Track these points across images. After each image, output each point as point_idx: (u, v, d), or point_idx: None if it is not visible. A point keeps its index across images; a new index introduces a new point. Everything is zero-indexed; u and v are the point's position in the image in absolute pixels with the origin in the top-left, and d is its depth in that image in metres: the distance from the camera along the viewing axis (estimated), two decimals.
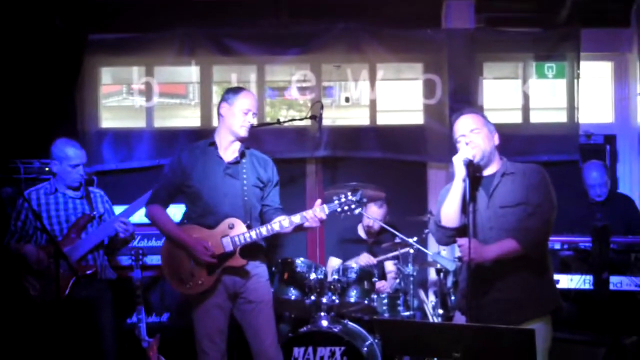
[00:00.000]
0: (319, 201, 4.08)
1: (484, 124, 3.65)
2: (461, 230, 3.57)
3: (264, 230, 4.09)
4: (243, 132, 4.23)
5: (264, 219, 4.27)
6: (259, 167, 4.33)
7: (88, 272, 4.55)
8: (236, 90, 4.35)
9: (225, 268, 4.15)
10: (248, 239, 4.09)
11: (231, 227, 4.13)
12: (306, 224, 4.07)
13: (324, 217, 4.03)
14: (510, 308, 3.51)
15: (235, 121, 4.22)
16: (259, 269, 4.30)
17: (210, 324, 4.20)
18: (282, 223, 4.06)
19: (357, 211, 4.05)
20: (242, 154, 4.28)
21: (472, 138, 3.58)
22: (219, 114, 4.32)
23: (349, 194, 4.02)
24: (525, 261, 3.51)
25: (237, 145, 4.28)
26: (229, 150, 4.28)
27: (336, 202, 4.02)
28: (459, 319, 3.74)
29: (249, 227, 4.12)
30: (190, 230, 4.20)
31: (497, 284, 3.53)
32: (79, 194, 4.67)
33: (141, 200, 4.61)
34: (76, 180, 4.59)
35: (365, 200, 4.11)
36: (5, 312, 4.76)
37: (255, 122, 4.30)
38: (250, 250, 4.17)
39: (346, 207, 4.01)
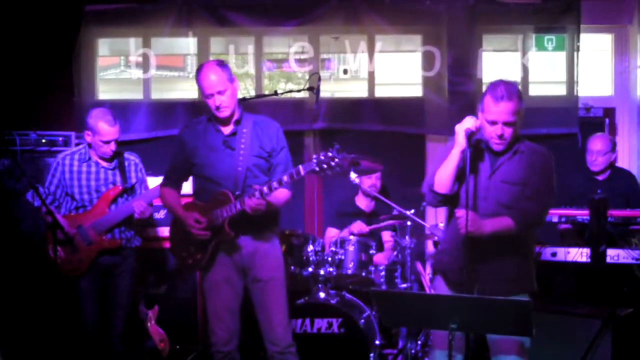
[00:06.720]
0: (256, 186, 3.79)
1: (520, 113, 3.54)
2: (452, 197, 3.58)
3: (245, 200, 3.80)
4: (221, 114, 3.98)
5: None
6: (262, 135, 4.05)
7: (111, 247, 4.61)
8: (198, 69, 4.04)
9: (219, 242, 4.01)
10: (232, 211, 3.87)
11: (221, 199, 3.94)
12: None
13: (252, 204, 3.76)
14: (496, 281, 3.53)
15: (209, 105, 3.98)
16: (266, 245, 4.09)
17: (217, 301, 4.07)
18: (258, 190, 3.76)
19: (337, 167, 3.58)
20: (237, 122, 4.04)
21: (504, 131, 3.50)
22: None
23: (328, 152, 3.57)
24: (516, 240, 3.56)
25: (236, 115, 4.06)
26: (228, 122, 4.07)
27: (314, 160, 3.61)
28: (440, 283, 3.76)
29: (237, 199, 3.89)
30: (189, 207, 4.10)
31: (488, 258, 3.52)
32: (112, 165, 4.70)
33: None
34: (107, 154, 4.63)
35: (347, 158, 3.61)
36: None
37: (225, 99, 3.94)
38: (250, 222, 3.94)
39: (325, 166, 3.57)
